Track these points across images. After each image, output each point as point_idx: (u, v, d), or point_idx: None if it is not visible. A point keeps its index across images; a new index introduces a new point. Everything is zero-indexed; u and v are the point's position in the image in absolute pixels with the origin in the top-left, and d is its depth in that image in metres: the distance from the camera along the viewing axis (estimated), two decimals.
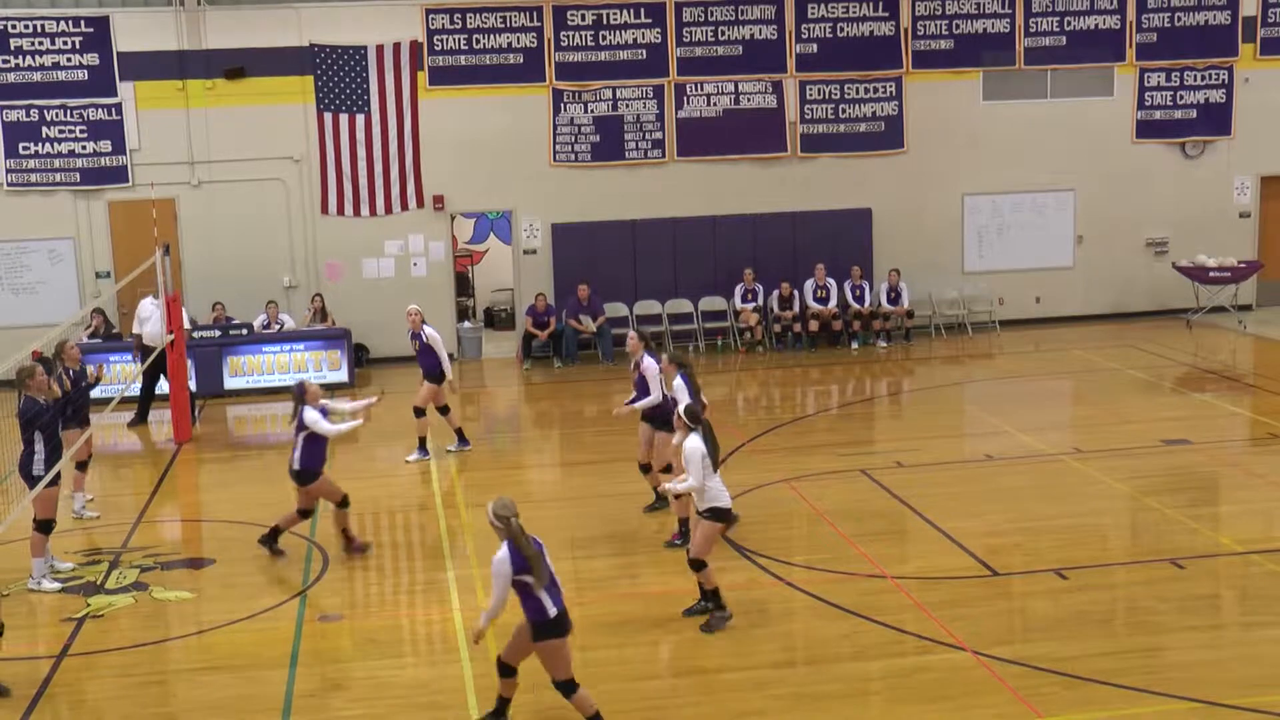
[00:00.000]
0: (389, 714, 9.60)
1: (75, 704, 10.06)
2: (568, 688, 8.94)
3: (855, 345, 23.30)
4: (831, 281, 23.41)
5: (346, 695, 9.93)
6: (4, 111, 21.65)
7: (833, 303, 23.40)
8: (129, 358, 19.75)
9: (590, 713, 9.00)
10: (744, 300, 23.45)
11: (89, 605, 11.91)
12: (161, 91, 21.96)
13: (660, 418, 12.98)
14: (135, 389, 19.08)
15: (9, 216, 21.82)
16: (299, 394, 12.88)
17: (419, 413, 16.36)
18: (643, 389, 13.13)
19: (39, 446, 12.03)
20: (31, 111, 21.71)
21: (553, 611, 8.82)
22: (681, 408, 10.96)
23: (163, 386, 18.79)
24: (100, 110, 21.88)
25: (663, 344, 23.33)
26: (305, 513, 13.02)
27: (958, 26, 23.81)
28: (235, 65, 21.98)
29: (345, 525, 12.96)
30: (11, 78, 21.66)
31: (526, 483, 15.76)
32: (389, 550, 13.23)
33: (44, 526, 12.24)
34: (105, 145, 21.96)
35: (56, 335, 18.32)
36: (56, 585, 12.24)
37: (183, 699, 10.13)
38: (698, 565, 10.82)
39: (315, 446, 12.77)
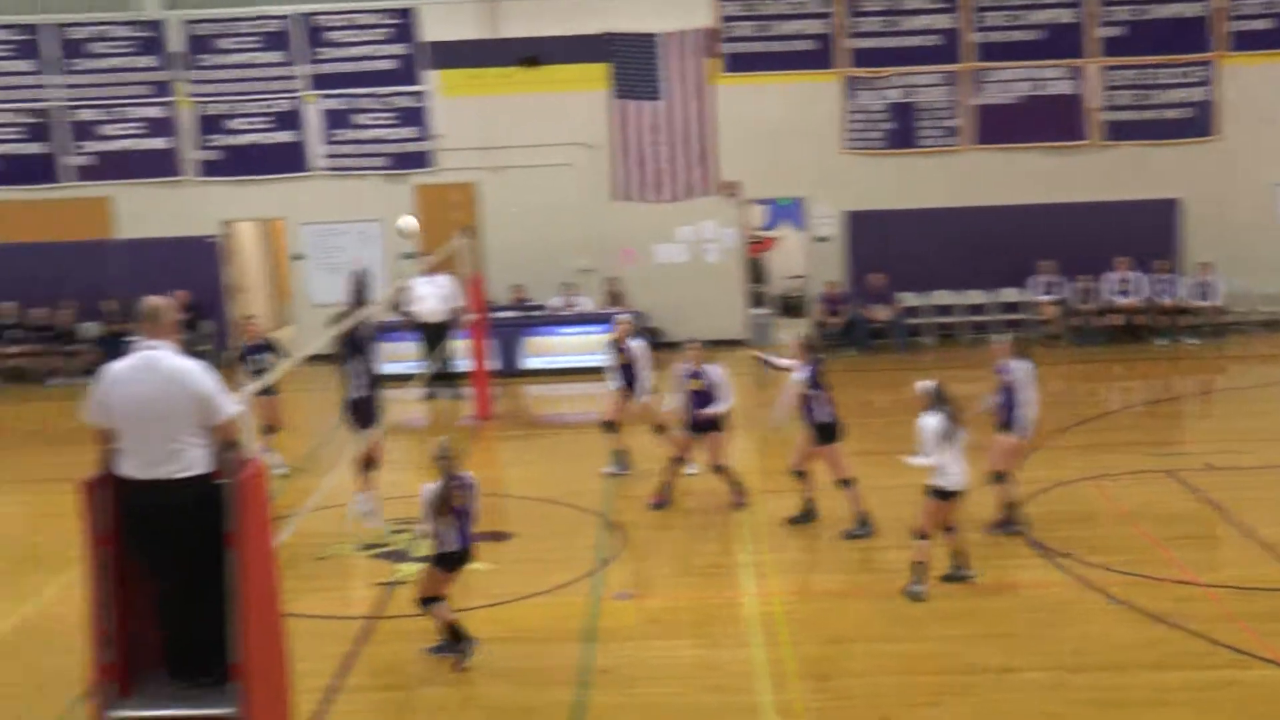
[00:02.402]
0: (680, 694, 9.67)
1: (384, 666, 10.48)
2: (424, 602, 10.19)
3: (1161, 341, 22.31)
4: (1135, 275, 22.47)
5: (637, 673, 10.05)
6: (322, 100, 22.72)
7: (1136, 296, 22.45)
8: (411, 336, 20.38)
9: (443, 621, 10.20)
10: (1042, 292, 22.74)
11: (398, 571, 12.40)
12: (463, 79, 22.67)
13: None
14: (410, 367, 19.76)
15: (325, 199, 22.91)
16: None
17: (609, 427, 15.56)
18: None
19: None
20: (345, 100, 22.71)
21: (453, 546, 10.02)
22: (924, 385, 11.11)
23: (464, 365, 19.41)
24: (407, 98, 22.74)
25: (953, 335, 22.89)
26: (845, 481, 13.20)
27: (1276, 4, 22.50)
28: (532, 54, 22.50)
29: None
30: (327, 69, 22.70)
31: (815, 470, 15.59)
32: (683, 532, 13.34)
33: (368, 464, 13.38)
34: (411, 132, 22.82)
35: (365, 313, 19.17)
36: (364, 516, 13.12)
37: (482, 667, 10.40)
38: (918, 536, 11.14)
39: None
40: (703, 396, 13.68)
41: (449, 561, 10.15)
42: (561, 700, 9.67)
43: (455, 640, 10.35)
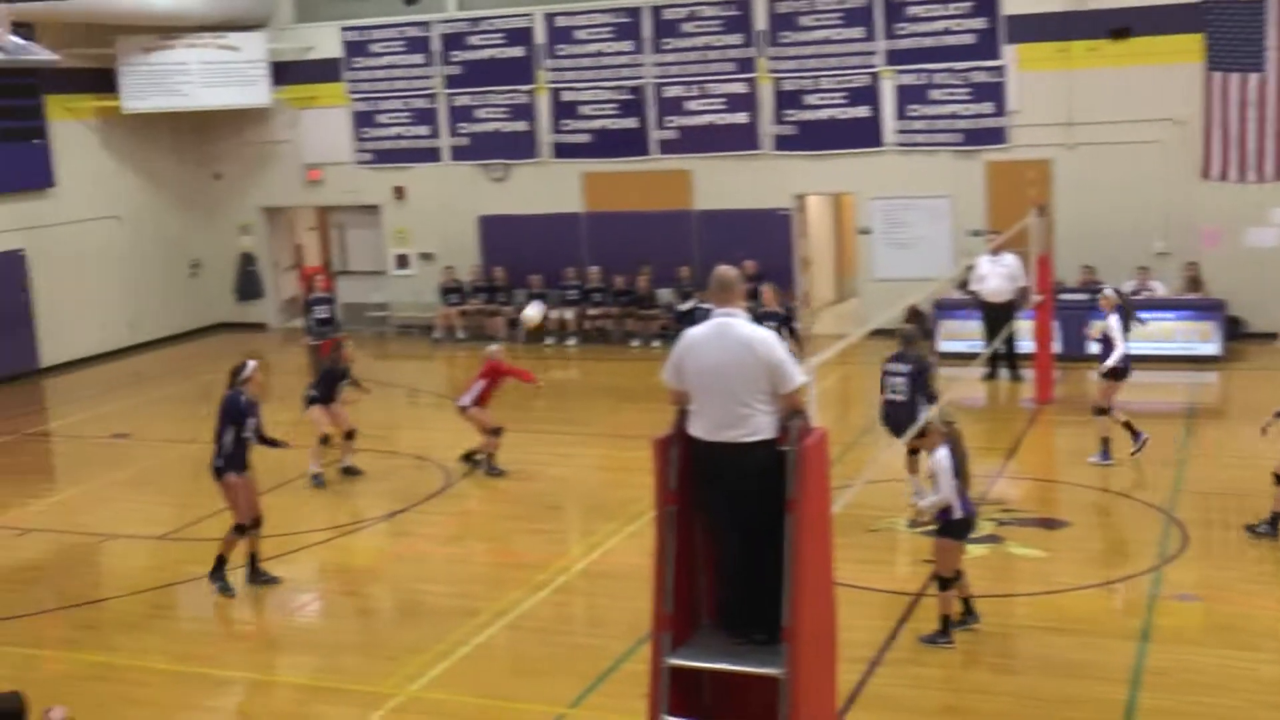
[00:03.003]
0: (1239, 707, 9.13)
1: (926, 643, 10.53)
2: (943, 583, 10.28)
3: None
4: None
5: (1193, 679, 9.56)
6: (897, 76, 22.81)
7: None
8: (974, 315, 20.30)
9: (945, 610, 10.27)
10: None
11: None
12: (1043, 53, 22.03)
13: None
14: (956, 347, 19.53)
15: (895, 174, 23.02)
16: None
17: (1099, 412, 15.14)
18: None
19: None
20: (921, 75, 22.69)
21: (959, 514, 10.15)
22: None
23: (1027, 346, 19.04)
24: (983, 73, 22.40)
25: None
26: None
27: None
28: (1121, 25, 21.54)
29: None
30: (904, 44, 22.74)
31: None
32: (1247, 535, 12.49)
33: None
34: (986, 107, 22.46)
35: (931, 291, 19.21)
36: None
37: (1025, 655, 10.28)
38: None
39: None
40: None
41: (961, 529, 10.29)
42: (1108, 697, 9.36)
43: (945, 631, 10.33)
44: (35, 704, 7.29)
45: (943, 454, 10.17)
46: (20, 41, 13.88)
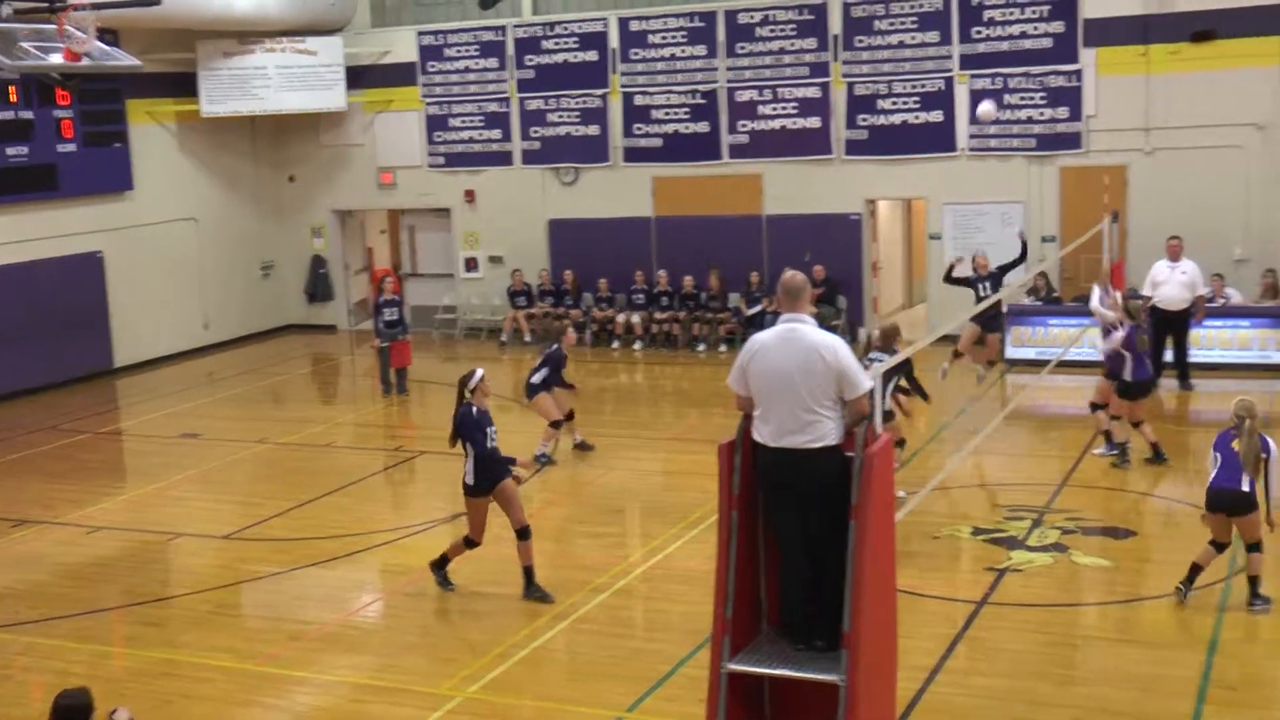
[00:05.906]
0: None
1: (987, 652, 10.38)
2: (1253, 546, 10.67)
3: None
4: None
5: (1264, 694, 9.35)
6: (973, 80, 22.50)
7: None
8: (1066, 321, 20.11)
9: (1255, 571, 10.68)
10: None
11: (1010, 559, 12.22)
12: (1122, 57, 21.72)
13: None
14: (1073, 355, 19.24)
15: (967, 179, 22.76)
16: None
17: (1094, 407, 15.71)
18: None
19: None
20: (996, 80, 22.41)
21: None
22: None
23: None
24: (1060, 77, 22.11)
25: None
26: None
27: None
28: (1205, 27, 21.14)
29: None
30: (981, 48, 22.47)
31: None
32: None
33: None
34: (1062, 112, 22.16)
35: (1007, 295, 18.96)
36: None
37: (1090, 666, 10.11)
38: None
39: None
40: None
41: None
42: (1175, 710, 9.19)
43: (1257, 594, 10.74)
44: (101, 700, 7.35)
45: None
46: (105, 48, 14.04)
